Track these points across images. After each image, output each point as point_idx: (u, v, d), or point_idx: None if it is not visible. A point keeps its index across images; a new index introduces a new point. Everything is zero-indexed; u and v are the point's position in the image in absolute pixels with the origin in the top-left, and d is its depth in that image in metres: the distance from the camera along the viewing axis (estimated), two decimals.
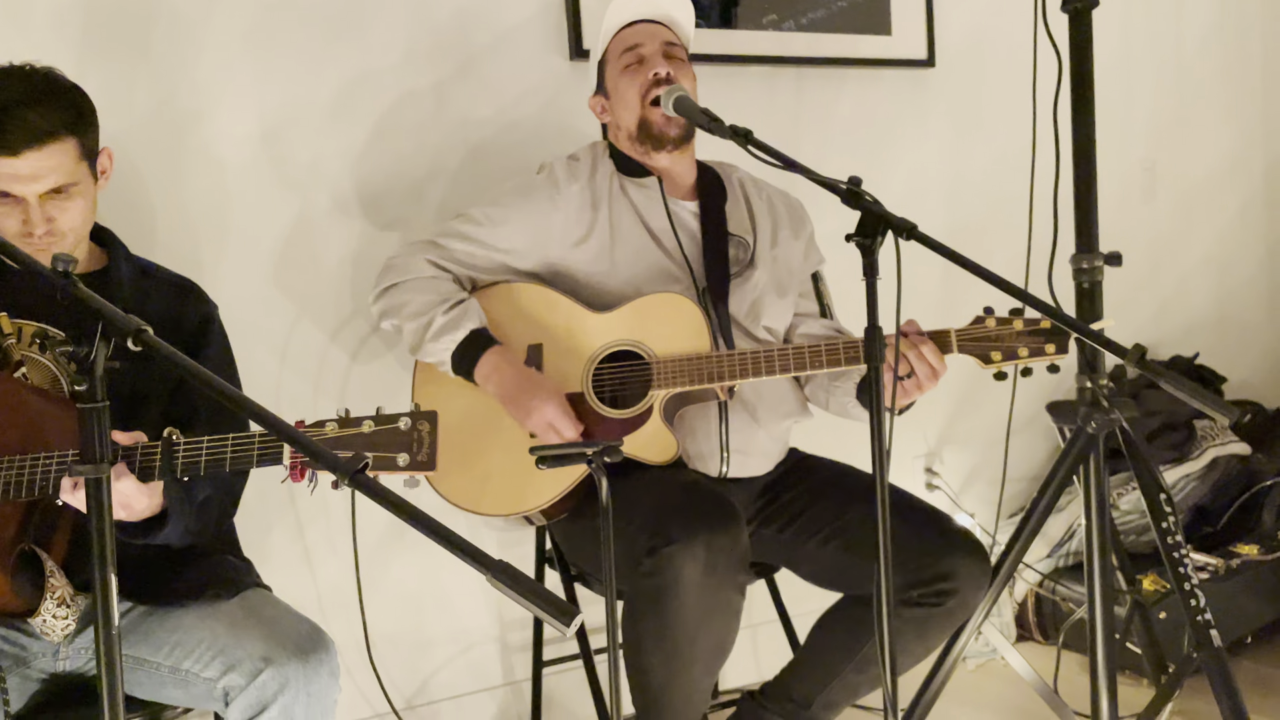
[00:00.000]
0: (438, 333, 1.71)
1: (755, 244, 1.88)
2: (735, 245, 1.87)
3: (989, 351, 1.62)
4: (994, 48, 2.65)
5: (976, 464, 2.69)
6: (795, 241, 1.93)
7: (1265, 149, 3.18)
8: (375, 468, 1.15)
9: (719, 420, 1.78)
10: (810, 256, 1.96)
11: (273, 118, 1.98)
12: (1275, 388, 3.21)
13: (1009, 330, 1.62)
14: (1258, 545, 2.48)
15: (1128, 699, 1.97)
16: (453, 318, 1.71)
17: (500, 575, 0.80)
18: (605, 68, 1.86)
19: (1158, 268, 2.98)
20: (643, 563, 1.55)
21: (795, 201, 1.98)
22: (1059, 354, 1.61)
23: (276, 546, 2.00)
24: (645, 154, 1.84)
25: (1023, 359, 1.62)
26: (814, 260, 1.96)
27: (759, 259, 1.86)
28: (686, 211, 1.87)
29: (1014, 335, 1.62)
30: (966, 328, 1.64)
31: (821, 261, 1.97)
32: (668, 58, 1.81)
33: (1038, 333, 1.61)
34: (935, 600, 1.67)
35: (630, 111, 1.81)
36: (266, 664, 1.28)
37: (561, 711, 2.24)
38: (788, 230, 1.92)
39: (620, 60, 1.83)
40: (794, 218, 1.95)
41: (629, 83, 1.80)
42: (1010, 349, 1.62)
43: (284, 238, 2.00)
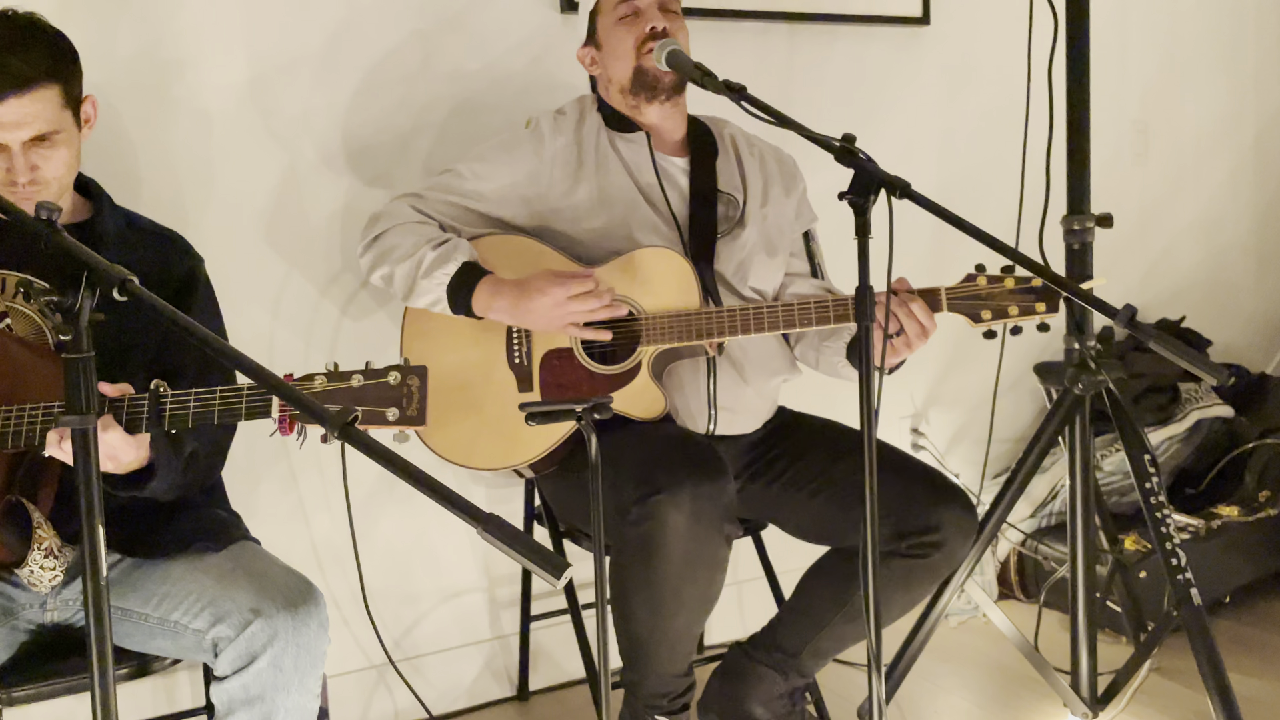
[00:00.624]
0: (430, 268, 1.68)
1: (745, 202, 1.86)
2: (725, 202, 1.85)
3: (979, 310, 1.62)
4: (989, 6, 2.62)
5: (963, 424, 2.71)
6: (787, 199, 1.91)
7: (1257, 113, 3.17)
8: (365, 422, 1.14)
9: (707, 377, 1.78)
10: (802, 215, 1.94)
11: (259, 67, 1.94)
12: (1260, 351, 3.23)
13: (1000, 289, 1.62)
14: (1239, 507, 2.52)
15: (1107, 656, 2.01)
16: (443, 251, 1.69)
17: (491, 528, 0.80)
18: (598, 19, 1.83)
19: (1147, 230, 2.98)
20: (630, 512, 1.56)
21: (788, 158, 1.96)
22: (1049, 313, 1.61)
23: (267, 500, 2.00)
24: (636, 106, 1.81)
25: (1013, 317, 1.61)
26: (806, 218, 1.95)
27: (749, 217, 1.85)
28: (675, 167, 1.85)
29: (1004, 294, 1.61)
30: (957, 286, 1.64)
31: (814, 220, 1.96)
32: (663, 10, 1.79)
33: (1029, 291, 1.61)
34: (922, 552, 1.69)
35: (624, 61, 1.78)
36: (255, 615, 1.28)
37: (549, 665, 2.26)
38: (779, 188, 1.90)
39: (615, 11, 1.80)
40: (786, 174, 1.93)
41: (624, 33, 1.78)
42: (1000, 307, 1.61)
43: (271, 191, 1.98)
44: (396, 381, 1.16)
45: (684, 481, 1.55)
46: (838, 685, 2.18)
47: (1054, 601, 2.40)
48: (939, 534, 1.67)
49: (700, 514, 1.56)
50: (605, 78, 1.84)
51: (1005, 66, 2.53)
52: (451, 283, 1.68)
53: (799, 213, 1.94)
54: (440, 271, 1.68)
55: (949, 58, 2.61)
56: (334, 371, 1.17)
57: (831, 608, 1.78)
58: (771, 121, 1.49)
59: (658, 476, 1.55)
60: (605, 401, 1.36)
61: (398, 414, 1.15)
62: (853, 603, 1.75)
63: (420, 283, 1.70)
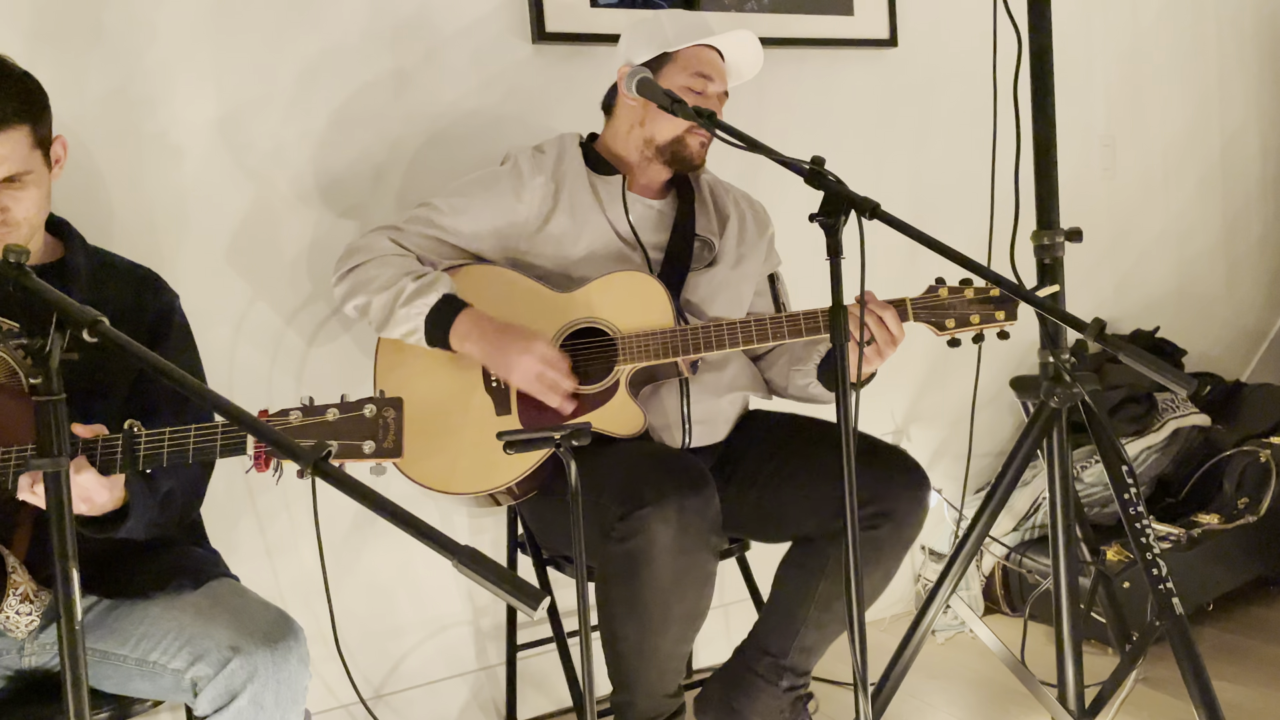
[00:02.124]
0: (410, 298, 1.69)
1: (720, 246, 1.91)
2: (700, 244, 1.90)
3: (943, 319, 1.68)
4: (955, 27, 2.66)
5: (943, 440, 2.72)
6: (758, 244, 1.97)
7: (1221, 124, 3.22)
8: (341, 456, 1.14)
9: (681, 394, 1.81)
10: (769, 259, 2.01)
11: (230, 104, 1.95)
12: (1234, 360, 3.27)
13: (961, 298, 1.69)
14: (1218, 514, 2.53)
15: (1093, 667, 2.01)
16: (424, 283, 1.70)
17: (466, 560, 0.80)
18: (664, 66, 1.81)
19: (1118, 243, 3.02)
20: (615, 529, 1.56)
21: (759, 205, 2.02)
22: (1009, 320, 1.69)
23: (247, 537, 1.99)
24: (647, 161, 1.85)
25: (974, 325, 1.68)
26: (772, 262, 2.01)
27: (721, 259, 1.90)
28: (652, 209, 1.89)
29: (965, 303, 1.69)
30: (921, 296, 1.70)
31: (779, 264, 2.02)
32: (722, 102, 1.85)
33: (988, 300, 1.68)
34: (870, 525, 1.69)
35: (673, 128, 1.81)
36: (235, 653, 1.27)
37: (536, 694, 2.25)
38: (753, 233, 1.96)
39: (685, 78, 1.81)
40: (759, 222, 1.99)
41: None
42: (963, 316, 1.68)
43: (243, 225, 1.98)
44: (372, 414, 1.16)
45: (670, 495, 1.56)
46: (826, 706, 2.17)
47: (1039, 614, 2.41)
48: (884, 503, 1.68)
49: (687, 527, 1.57)
50: (638, 122, 1.84)
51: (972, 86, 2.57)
52: (430, 314, 1.69)
53: (767, 257, 2.00)
54: (421, 301, 1.69)
55: (917, 78, 2.65)
56: (309, 406, 1.17)
57: (802, 600, 1.79)
58: (742, 146, 1.51)
59: (643, 491, 1.56)
60: (584, 428, 1.36)
61: (374, 447, 1.15)
62: (820, 590, 1.76)
63: (399, 312, 1.70)
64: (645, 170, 1.88)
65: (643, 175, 1.89)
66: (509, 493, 1.75)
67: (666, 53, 1.83)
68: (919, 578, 2.69)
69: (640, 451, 1.70)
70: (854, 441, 1.36)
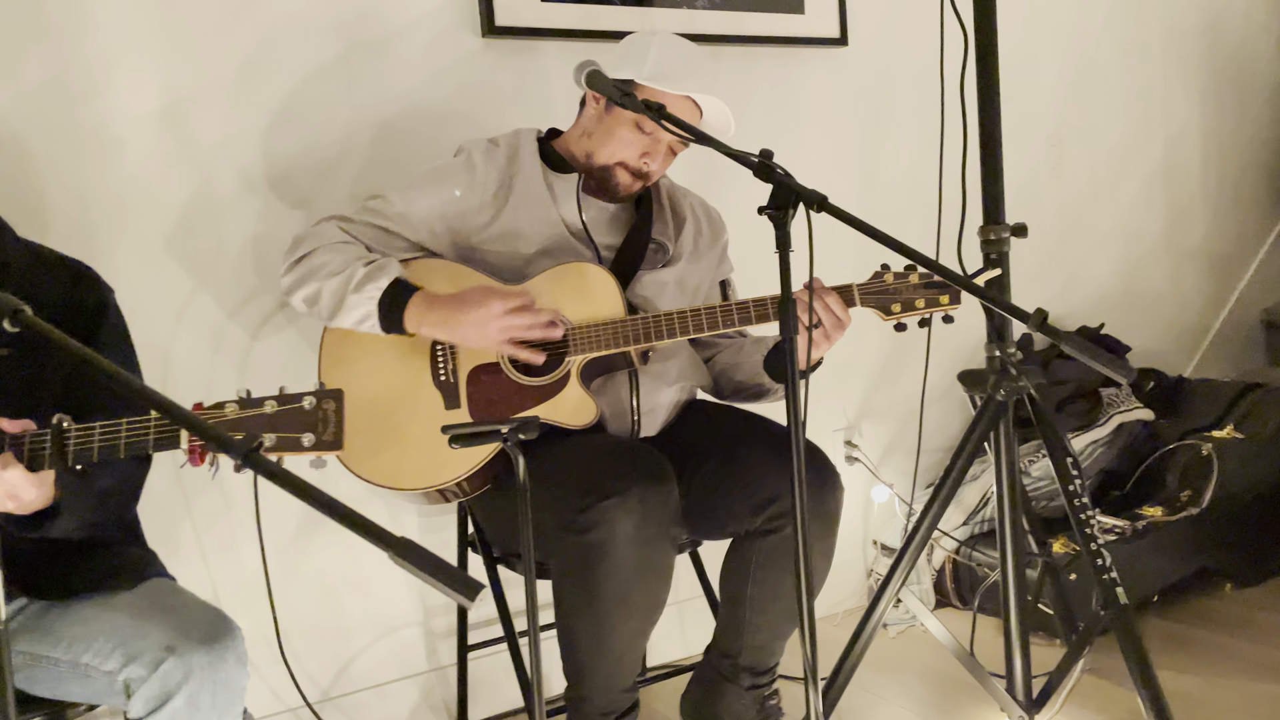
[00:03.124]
0: (361, 282, 1.65)
1: (675, 250, 1.90)
2: (655, 249, 1.89)
3: (889, 304, 1.71)
4: (905, 27, 2.69)
5: (895, 436, 2.74)
6: (711, 250, 1.97)
7: (1165, 125, 3.29)
8: (279, 449, 1.11)
9: (630, 385, 1.80)
10: (722, 266, 2.01)
11: (173, 95, 1.91)
12: (1177, 355, 3.33)
13: (905, 284, 1.71)
14: (1162, 507, 2.58)
15: (1041, 658, 2.03)
16: (374, 268, 1.67)
17: (402, 552, 0.79)
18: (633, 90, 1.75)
19: (1065, 241, 3.07)
20: (575, 521, 1.54)
21: (714, 211, 2.02)
22: (953, 305, 1.71)
23: (186, 539, 1.95)
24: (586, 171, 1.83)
25: (919, 310, 1.71)
26: (724, 269, 2.02)
27: (675, 262, 1.89)
28: (608, 212, 1.88)
29: (910, 288, 1.71)
30: (867, 282, 1.72)
31: (731, 271, 2.03)
32: (670, 154, 1.82)
33: (932, 285, 1.71)
34: (779, 524, 1.70)
35: (610, 154, 1.79)
36: (169, 653, 1.24)
37: (488, 694, 2.23)
38: (707, 239, 1.96)
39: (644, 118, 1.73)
40: (713, 227, 1.99)
41: (631, 139, 1.78)
42: (908, 300, 1.71)
43: (186, 218, 1.94)
44: (311, 406, 1.13)
45: (632, 486, 1.55)
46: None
47: (988, 607, 2.43)
48: (789, 500, 1.66)
49: (649, 518, 1.56)
50: (589, 131, 1.82)
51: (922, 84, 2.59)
52: (383, 297, 1.65)
53: (719, 263, 2.00)
54: (373, 285, 1.66)
55: (867, 77, 2.67)
56: (246, 399, 1.14)
57: (739, 605, 1.79)
58: (690, 139, 1.51)
59: (605, 482, 1.55)
60: (532, 421, 1.35)
61: (313, 439, 1.12)
62: (750, 595, 1.77)
63: (350, 298, 1.67)
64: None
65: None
66: (459, 489, 1.73)
67: (633, 83, 1.78)
68: (871, 572, 2.71)
69: (597, 443, 1.69)
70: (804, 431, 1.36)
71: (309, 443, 1.12)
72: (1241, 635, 2.36)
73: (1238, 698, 2.09)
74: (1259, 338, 3.53)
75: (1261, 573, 2.63)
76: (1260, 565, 2.63)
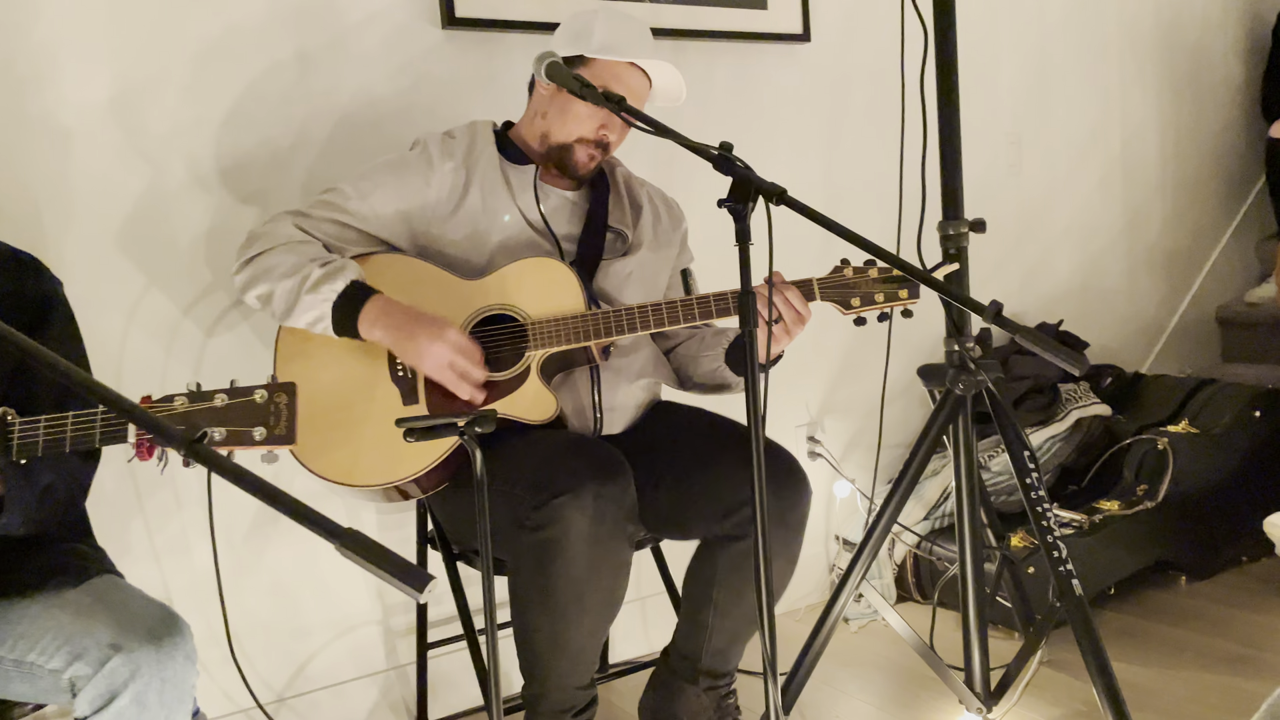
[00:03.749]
0: (316, 284, 1.63)
1: (634, 237, 1.89)
2: (613, 236, 1.88)
3: (849, 298, 1.71)
4: (866, 23, 2.70)
5: (856, 431, 2.76)
6: (671, 239, 1.96)
7: (1122, 124, 3.33)
8: (230, 443, 1.09)
9: (591, 381, 1.79)
10: (682, 255, 2.01)
11: (123, 84, 1.87)
12: (1134, 352, 3.38)
13: (864, 278, 1.72)
14: (1118, 501, 2.61)
15: (999, 651, 2.05)
16: (331, 269, 1.65)
17: (350, 544, 0.77)
18: (579, 66, 1.77)
19: (1024, 238, 3.10)
20: (529, 518, 1.53)
21: (673, 201, 2.02)
22: (912, 299, 1.72)
23: (137, 538, 1.91)
24: (543, 157, 1.82)
25: (879, 304, 1.72)
26: (685, 259, 2.02)
27: (634, 250, 1.88)
28: (565, 200, 1.86)
29: (870, 282, 1.72)
30: (826, 276, 1.72)
31: (691, 260, 2.03)
32: (625, 127, 1.81)
33: (892, 279, 1.72)
34: (748, 531, 1.69)
35: (567, 134, 1.79)
36: (115, 651, 1.21)
37: (448, 692, 2.21)
38: (666, 227, 1.96)
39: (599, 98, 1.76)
40: (672, 217, 1.99)
41: (587, 116, 1.77)
42: (868, 294, 1.71)
43: (137, 210, 1.90)
44: (263, 399, 1.11)
45: (586, 482, 1.54)
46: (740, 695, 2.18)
47: (948, 600, 2.46)
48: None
49: (603, 515, 1.55)
50: (541, 115, 1.82)
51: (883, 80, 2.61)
52: (338, 300, 1.63)
53: (680, 252, 2.00)
54: (327, 287, 1.63)
55: (830, 73, 2.68)
56: (196, 392, 1.12)
57: (703, 608, 1.79)
58: (650, 130, 1.50)
59: (558, 479, 1.54)
60: (488, 414, 1.33)
61: (265, 433, 1.10)
62: (716, 599, 1.76)
63: (304, 298, 1.64)
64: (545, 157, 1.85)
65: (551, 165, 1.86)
66: (417, 485, 1.71)
67: (583, 58, 1.79)
68: (833, 568, 2.72)
69: (554, 439, 1.68)
70: (762, 428, 1.35)
71: (260, 436, 1.10)
72: (1194, 627, 2.40)
73: (1189, 689, 2.12)
74: (1213, 334, 3.59)
75: (1214, 566, 2.68)
76: (1213, 558, 2.67)
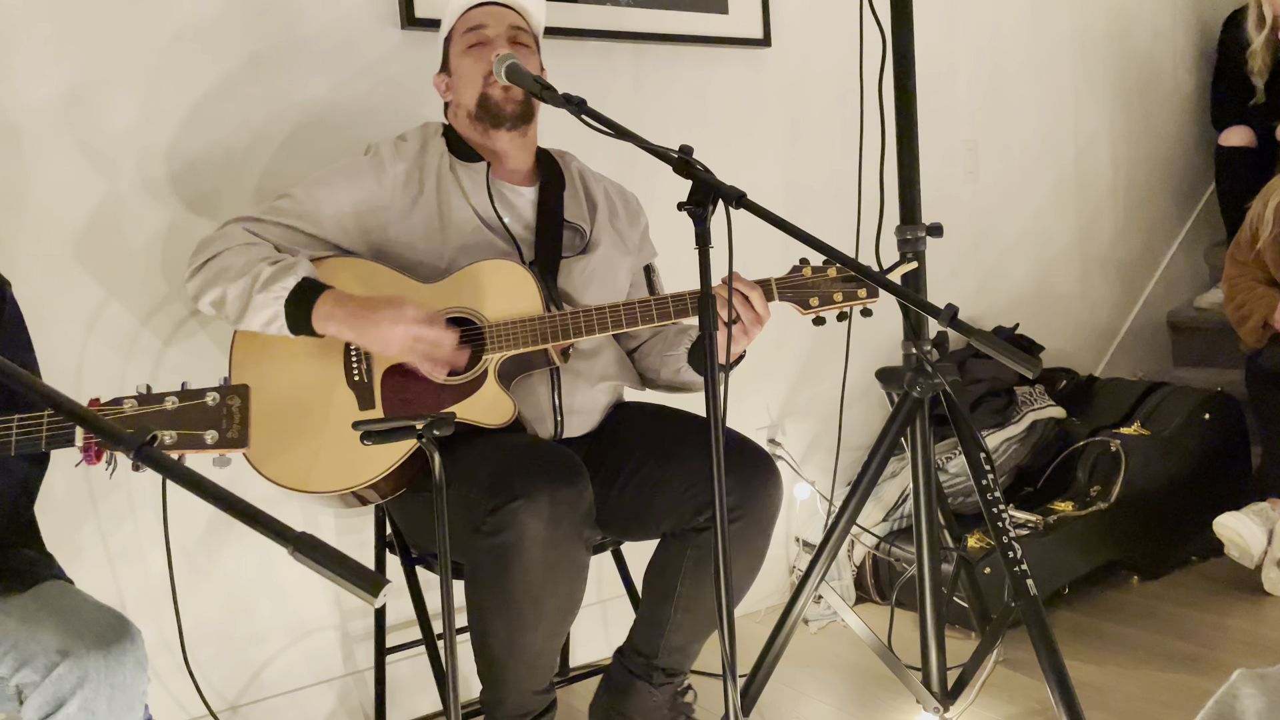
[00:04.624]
0: (267, 282, 1.61)
1: (591, 232, 1.89)
2: (571, 232, 1.87)
3: (807, 298, 1.72)
4: (826, 29, 2.72)
5: (817, 433, 2.77)
6: (630, 233, 1.96)
7: (1075, 132, 3.39)
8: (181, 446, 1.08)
9: (552, 384, 1.78)
10: (644, 250, 2.00)
11: (75, 82, 1.83)
12: (1088, 355, 3.44)
13: (823, 278, 1.73)
14: (1072, 502, 2.65)
15: (955, 650, 2.07)
16: (282, 266, 1.63)
17: (303, 548, 0.76)
18: (450, 45, 1.84)
19: (981, 243, 3.14)
20: (485, 523, 1.52)
21: (631, 195, 2.01)
22: (870, 298, 1.73)
23: (91, 541, 1.88)
24: (484, 133, 1.81)
25: (837, 303, 1.72)
26: (647, 253, 2.01)
27: (593, 246, 1.88)
28: (521, 197, 1.86)
29: (829, 282, 1.73)
30: (784, 276, 1.73)
31: (654, 255, 2.02)
32: (513, 42, 1.79)
33: (850, 279, 1.72)
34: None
35: (471, 89, 1.79)
36: (63, 657, 1.18)
37: (406, 698, 2.19)
38: (624, 221, 1.95)
39: (464, 39, 1.81)
40: (630, 211, 1.98)
41: (472, 63, 1.79)
42: (826, 295, 1.72)
43: (90, 213, 1.86)
44: (215, 402, 1.10)
45: (542, 487, 1.52)
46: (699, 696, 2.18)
47: (906, 601, 2.48)
48: (735, 498, 1.68)
49: (559, 519, 1.54)
50: (456, 104, 1.84)
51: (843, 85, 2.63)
52: (291, 296, 1.61)
53: (640, 247, 1.99)
54: (279, 285, 1.61)
55: (790, 78, 2.70)
56: (146, 394, 1.10)
57: (664, 600, 1.78)
58: (610, 134, 1.50)
59: (513, 484, 1.53)
60: (447, 417, 1.32)
61: (217, 436, 1.09)
62: (680, 592, 1.76)
63: (256, 298, 1.62)
64: (500, 148, 1.83)
65: (509, 160, 1.85)
66: (375, 490, 1.69)
67: (446, 39, 1.84)
68: (793, 569, 2.74)
69: (511, 443, 1.67)
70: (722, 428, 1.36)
71: (212, 440, 1.09)
72: (1145, 626, 2.44)
73: (1141, 686, 2.15)
74: (1164, 339, 3.66)
75: (1165, 566, 2.73)
76: (1164, 558, 2.72)
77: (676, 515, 1.74)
